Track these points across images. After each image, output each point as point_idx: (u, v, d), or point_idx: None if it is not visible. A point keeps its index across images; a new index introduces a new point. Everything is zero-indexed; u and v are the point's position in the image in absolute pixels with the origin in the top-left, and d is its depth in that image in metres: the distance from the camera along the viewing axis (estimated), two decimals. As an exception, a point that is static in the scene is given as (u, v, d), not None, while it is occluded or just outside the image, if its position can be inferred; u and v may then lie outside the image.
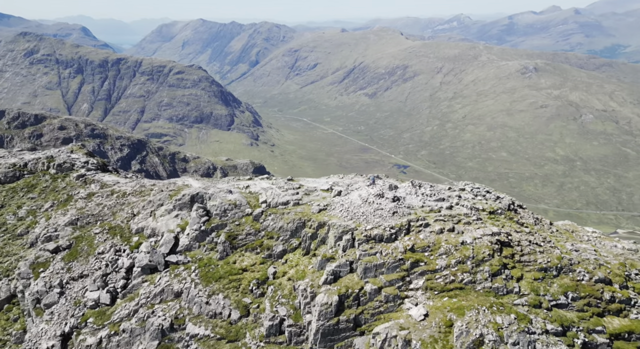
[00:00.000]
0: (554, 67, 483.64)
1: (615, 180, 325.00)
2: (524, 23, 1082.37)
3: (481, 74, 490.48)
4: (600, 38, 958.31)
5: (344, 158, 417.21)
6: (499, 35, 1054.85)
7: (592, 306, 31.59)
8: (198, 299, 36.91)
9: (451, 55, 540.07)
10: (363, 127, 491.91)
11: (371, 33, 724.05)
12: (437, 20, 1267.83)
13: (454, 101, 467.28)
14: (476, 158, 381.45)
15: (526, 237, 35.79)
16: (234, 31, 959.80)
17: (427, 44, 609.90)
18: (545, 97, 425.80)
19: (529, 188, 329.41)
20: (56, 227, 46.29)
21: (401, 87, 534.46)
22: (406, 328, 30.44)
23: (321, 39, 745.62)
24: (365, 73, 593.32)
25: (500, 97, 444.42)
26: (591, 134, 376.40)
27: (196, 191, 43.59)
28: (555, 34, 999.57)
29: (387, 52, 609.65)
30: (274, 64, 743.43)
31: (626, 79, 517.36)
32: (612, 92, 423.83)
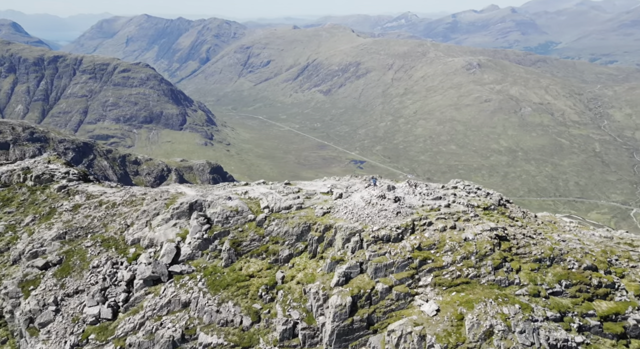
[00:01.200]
0: (495, 63, 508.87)
1: (553, 168, 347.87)
2: (466, 21, 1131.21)
3: (429, 70, 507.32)
4: (534, 35, 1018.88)
5: (302, 155, 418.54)
6: (444, 33, 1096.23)
7: (582, 292, 34.85)
8: (208, 308, 36.82)
9: (401, 52, 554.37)
10: (319, 124, 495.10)
11: (323, 30, 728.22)
12: (386, 18, 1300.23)
13: (405, 97, 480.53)
14: (428, 152, 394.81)
15: (520, 231, 38.70)
16: (181, 27, 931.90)
17: (378, 41, 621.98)
18: (489, 91, 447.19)
19: (477, 178, 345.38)
20: (42, 242, 44.11)
21: (355, 83, 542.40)
22: (420, 324, 32.19)
23: (273, 36, 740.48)
24: (319, 70, 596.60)
25: (448, 93, 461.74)
26: (530, 126, 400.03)
27: (194, 199, 43.11)
28: (495, 31, 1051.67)
29: (339, 49, 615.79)
30: (225, 61, 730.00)
31: (559, 74, 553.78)
32: (547, 86, 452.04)
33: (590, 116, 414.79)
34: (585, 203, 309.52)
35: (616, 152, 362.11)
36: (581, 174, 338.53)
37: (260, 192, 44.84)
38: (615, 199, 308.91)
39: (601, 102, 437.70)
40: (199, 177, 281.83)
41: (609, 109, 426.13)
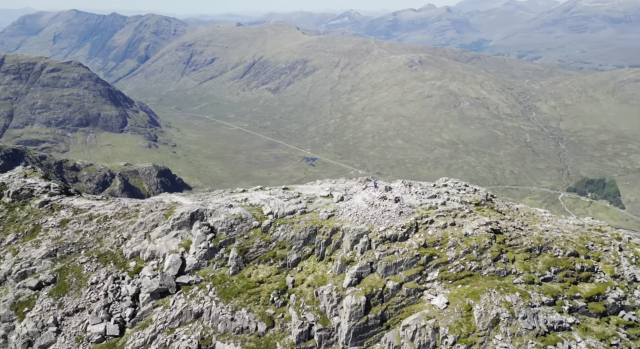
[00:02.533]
0: (435, 60, 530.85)
1: (490, 159, 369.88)
2: (406, 19, 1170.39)
3: (374, 67, 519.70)
4: (468, 33, 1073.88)
5: (253, 155, 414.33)
6: (386, 31, 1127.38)
7: (569, 277, 38.81)
8: (222, 316, 36.95)
9: (346, 50, 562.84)
10: (269, 122, 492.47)
11: (268, 27, 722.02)
12: (330, 16, 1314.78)
13: (353, 94, 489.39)
14: (376, 147, 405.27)
15: (510, 224, 42.19)
16: (116, 24, 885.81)
17: (323, 38, 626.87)
18: (430, 87, 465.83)
19: (423, 171, 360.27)
20: (31, 261, 41.72)
21: (303, 81, 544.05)
22: (433, 317, 34.50)
23: (217, 33, 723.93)
24: (266, 68, 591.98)
25: (393, 89, 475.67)
26: (469, 120, 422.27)
27: (195, 208, 42.70)
28: (433, 29, 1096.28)
29: (285, 46, 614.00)
30: (167, 59, 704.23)
31: (492, 70, 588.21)
32: (482, 81, 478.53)
33: (520, 108, 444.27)
34: (519, 190, 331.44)
35: (544, 141, 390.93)
36: (515, 163, 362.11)
37: (261, 198, 45.22)
38: (545, 185, 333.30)
39: (529, 95, 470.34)
40: (146, 181, 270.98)
41: (536, 102, 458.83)
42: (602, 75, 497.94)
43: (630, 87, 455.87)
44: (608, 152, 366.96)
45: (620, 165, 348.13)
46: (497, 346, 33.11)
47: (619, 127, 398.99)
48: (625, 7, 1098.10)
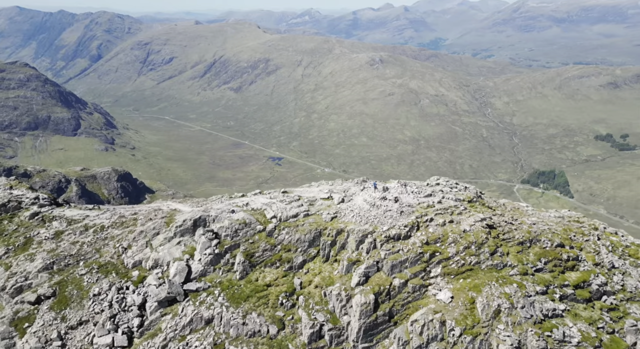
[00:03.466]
0: (395, 59, 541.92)
1: (450, 153, 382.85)
2: (366, 18, 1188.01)
3: (337, 66, 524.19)
4: (426, 32, 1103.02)
5: (216, 155, 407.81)
6: (346, 30, 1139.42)
7: (557, 266, 41.79)
8: (234, 321, 37.24)
9: (308, 49, 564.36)
10: (232, 122, 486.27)
11: (228, 26, 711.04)
12: (290, 14, 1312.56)
13: (316, 93, 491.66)
14: (342, 145, 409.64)
15: (501, 219, 44.79)
16: (64, 21, 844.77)
17: (285, 37, 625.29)
18: (391, 85, 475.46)
19: (387, 167, 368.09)
20: (26, 275, 40.16)
21: (265, 80, 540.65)
22: (439, 311, 36.36)
23: (174, 32, 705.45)
24: (228, 67, 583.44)
25: (356, 88, 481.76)
26: (429, 116, 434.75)
27: (198, 215, 42.57)
28: (392, 28, 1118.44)
29: (247, 45, 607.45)
30: (121, 58, 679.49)
31: (449, 68, 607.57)
32: (440, 79, 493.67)
33: (476, 105, 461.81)
34: (478, 183, 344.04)
35: (499, 136, 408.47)
36: (473, 157, 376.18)
37: (262, 202, 45.61)
38: (501, 177, 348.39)
39: (484, 92, 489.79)
40: (105, 186, 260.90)
41: (491, 98, 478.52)
42: (550, 73, 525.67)
43: (575, 83, 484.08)
44: (557, 145, 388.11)
45: (568, 157, 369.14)
46: (500, 335, 35.41)
47: (566, 121, 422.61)
48: (568, 8, 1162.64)
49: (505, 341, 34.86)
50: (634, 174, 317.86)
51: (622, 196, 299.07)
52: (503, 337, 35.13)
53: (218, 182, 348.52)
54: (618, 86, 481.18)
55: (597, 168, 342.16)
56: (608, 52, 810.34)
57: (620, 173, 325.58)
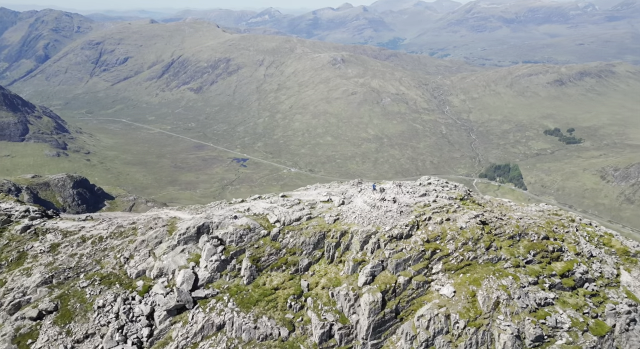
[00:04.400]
0: (356, 58, 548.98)
1: (412, 151, 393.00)
2: (326, 18, 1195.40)
3: (299, 65, 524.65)
4: (384, 32, 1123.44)
5: (178, 158, 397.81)
6: (307, 29, 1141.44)
7: (544, 258, 44.83)
8: (245, 326, 37.61)
9: (270, 48, 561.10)
10: (194, 123, 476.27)
11: (185, 25, 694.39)
12: (250, 13, 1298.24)
13: (280, 93, 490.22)
14: (307, 144, 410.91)
15: (492, 215, 47.39)
16: (6, 20, 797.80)
17: (246, 37, 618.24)
18: (354, 85, 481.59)
19: (353, 166, 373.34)
20: (24, 291, 38.63)
21: (227, 80, 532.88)
22: (443, 306, 38.30)
23: (128, 31, 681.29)
24: (187, 67, 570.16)
25: (319, 87, 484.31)
26: (391, 115, 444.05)
27: (201, 222, 42.43)
28: (352, 28, 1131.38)
29: (206, 45, 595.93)
30: (71, 58, 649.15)
31: (408, 67, 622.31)
32: (400, 78, 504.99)
33: (435, 103, 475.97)
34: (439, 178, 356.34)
35: (457, 132, 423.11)
36: (434, 154, 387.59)
37: (263, 207, 45.99)
38: (461, 172, 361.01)
39: (442, 90, 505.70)
40: (60, 194, 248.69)
41: (448, 96, 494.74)
42: (502, 71, 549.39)
43: (524, 81, 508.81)
44: (510, 140, 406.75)
45: (521, 151, 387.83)
46: (501, 325, 37.83)
47: (518, 116, 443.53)
48: (516, 9, 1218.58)
49: (506, 331, 37.32)
50: (580, 166, 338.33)
51: (570, 186, 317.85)
52: (504, 327, 37.58)
53: (181, 186, 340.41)
54: (564, 83, 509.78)
55: (547, 161, 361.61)
56: (553, 51, 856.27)
57: (568, 165, 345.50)
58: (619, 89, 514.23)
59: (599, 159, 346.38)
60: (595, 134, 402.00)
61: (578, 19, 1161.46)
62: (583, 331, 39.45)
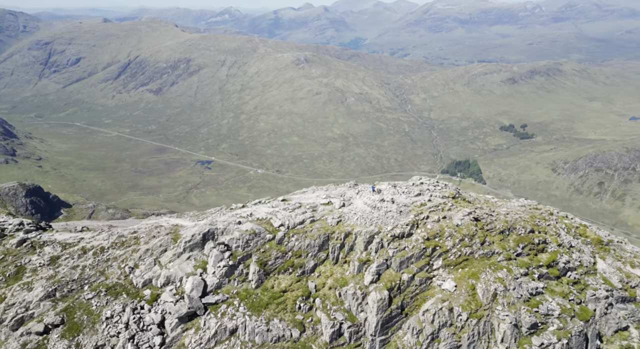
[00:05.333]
0: (319, 58, 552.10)
1: (377, 149, 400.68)
2: (287, 18, 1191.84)
3: (262, 66, 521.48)
4: (346, 32, 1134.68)
5: (139, 162, 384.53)
6: (268, 29, 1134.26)
7: (532, 250, 47.93)
8: (258, 329, 38.17)
9: (231, 48, 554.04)
10: (154, 126, 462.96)
11: (142, 24, 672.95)
12: (209, 13, 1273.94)
13: (243, 93, 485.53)
14: (273, 145, 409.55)
15: (482, 211, 50.02)
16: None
17: (206, 36, 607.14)
18: (318, 85, 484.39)
19: (320, 165, 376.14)
20: (26, 305, 37.31)
21: (188, 81, 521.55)
22: (446, 300, 40.39)
23: (80, 30, 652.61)
24: (145, 68, 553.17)
25: (283, 87, 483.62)
26: (355, 114, 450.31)
27: (206, 229, 42.45)
28: (314, 28, 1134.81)
29: (165, 45, 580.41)
30: (18, 60, 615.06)
31: (370, 67, 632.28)
32: (363, 78, 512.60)
33: (398, 102, 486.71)
34: (403, 175, 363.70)
35: (419, 130, 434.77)
36: (398, 152, 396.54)
37: (265, 212, 46.49)
38: (424, 169, 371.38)
39: (404, 89, 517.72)
40: (11, 203, 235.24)
41: (410, 95, 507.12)
42: (459, 70, 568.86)
43: (480, 80, 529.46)
44: (469, 136, 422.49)
45: (480, 147, 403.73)
46: (500, 315, 40.39)
47: (475, 114, 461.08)
48: (470, 10, 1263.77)
49: (505, 320, 39.90)
50: (533, 160, 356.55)
51: (525, 179, 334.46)
52: (502, 317, 40.14)
53: (142, 191, 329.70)
54: (516, 81, 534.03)
55: (504, 156, 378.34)
56: (505, 51, 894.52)
57: (522, 159, 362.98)
58: (566, 87, 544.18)
59: (550, 153, 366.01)
60: (546, 130, 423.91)
61: (527, 20, 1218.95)
62: (571, 317, 42.70)
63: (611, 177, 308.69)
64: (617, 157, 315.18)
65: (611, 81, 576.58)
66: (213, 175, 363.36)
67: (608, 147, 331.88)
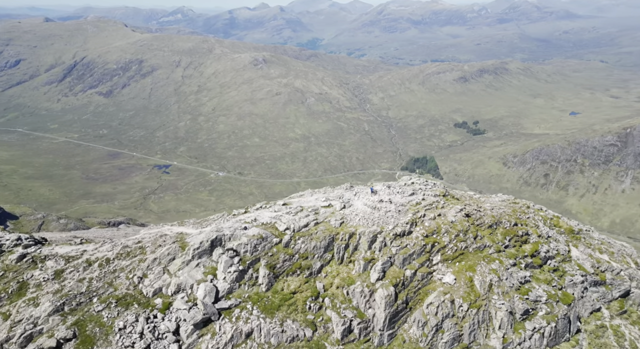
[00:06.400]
0: (278, 59, 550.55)
1: (339, 148, 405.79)
2: (243, 18, 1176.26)
3: (219, 66, 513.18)
4: (303, 32, 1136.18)
5: (90, 169, 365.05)
6: (224, 29, 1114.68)
7: (517, 242, 51.57)
8: (273, 330, 39.03)
9: (186, 49, 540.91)
10: (106, 130, 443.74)
11: (88, 24, 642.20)
12: (160, 12, 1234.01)
13: (201, 94, 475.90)
14: (234, 147, 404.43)
15: (471, 208, 53.11)
16: None
17: (159, 37, 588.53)
18: (277, 85, 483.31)
19: (283, 166, 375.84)
20: (34, 321, 36.03)
21: (141, 83, 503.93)
22: (447, 292, 42.93)
23: (19, 30, 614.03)
24: (93, 69, 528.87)
25: (242, 88, 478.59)
26: (316, 114, 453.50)
27: (214, 235, 42.63)
28: (270, 28, 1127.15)
29: (114, 45, 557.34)
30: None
31: (329, 67, 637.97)
32: (322, 78, 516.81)
33: (357, 101, 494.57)
34: (365, 173, 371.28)
35: (379, 129, 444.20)
36: (359, 150, 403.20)
37: (269, 216, 47.19)
38: (384, 166, 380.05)
39: (362, 89, 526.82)
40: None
41: (368, 94, 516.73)
42: (414, 70, 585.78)
43: (434, 79, 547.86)
44: (426, 133, 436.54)
45: (436, 144, 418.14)
46: (496, 304, 43.49)
47: (431, 112, 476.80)
48: (421, 11, 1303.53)
49: (501, 308, 43.03)
50: (485, 155, 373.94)
51: (479, 173, 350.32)
52: (499, 305, 43.23)
53: (96, 199, 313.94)
54: (467, 80, 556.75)
55: (458, 151, 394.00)
56: (456, 51, 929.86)
57: (475, 155, 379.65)
58: (512, 85, 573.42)
59: (501, 147, 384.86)
60: (496, 125, 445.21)
61: (474, 21, 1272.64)
62: (556, 301, 46.58)
63: (555, 169, 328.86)
64: (560, 150, 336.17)
65: (552, 79, 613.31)
66: (172, 179, 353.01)
67: (552, 141, 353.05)
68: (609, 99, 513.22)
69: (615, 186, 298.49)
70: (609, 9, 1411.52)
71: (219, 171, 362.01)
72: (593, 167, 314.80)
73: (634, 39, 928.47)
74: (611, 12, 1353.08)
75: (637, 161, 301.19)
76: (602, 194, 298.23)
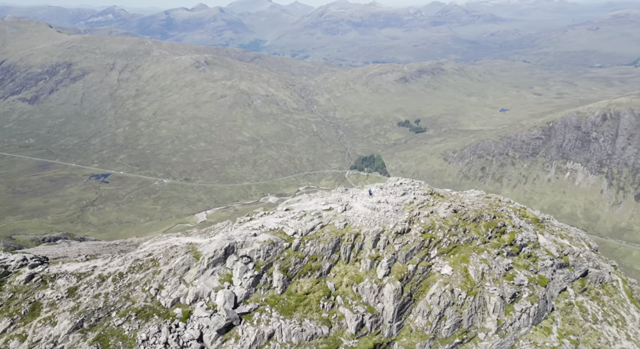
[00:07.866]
0: (221, 61, 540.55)
1: (289, 150, 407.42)
2: (180, 19, 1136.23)
3: (158, 69, 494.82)
4: (245, 34, 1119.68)
5: (16, 182, 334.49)
6: (160, 30, 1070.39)
7: (498, 233, 56.56)
8: (294, 330, 40.49)
9: (121, 51, 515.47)
10: (33, 139, 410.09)
11: (6, 24, 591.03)
12: (89, 12, 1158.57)
13: (139, 99, 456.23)
14: (179, 152, 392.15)
15: (456, 204, 57.38)
16: None
17: (89, 38, 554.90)
18: (222, 87, 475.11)
19: (232, 170, 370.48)
20: (55, 341, 34.65)
21: (71, 87, 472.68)
22: (447, 283, 46.62)
23: None
24: (14, 74, 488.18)
25: (184, 91, 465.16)
26: (264, 116, 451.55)
27: (227, 244, 43.19)
28: (210, 29, 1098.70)
29: (38, 47, 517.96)
30: None
31: (273, 69, 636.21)
32: (268, 80, 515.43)
33: (304, 102, 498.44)
34: (316, 174, 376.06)
35: (327, 130, 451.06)
36: (309, 152, 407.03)
37: (275, 222, 48.38)
38: (334, 166, 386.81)
39: (308, 91, 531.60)
40: None
41: (315, 96, 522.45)
42: (357, 71, 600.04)
43: (377, 79, 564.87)
44: (372, 133, 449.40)
45: (382, 142, 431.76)
46: (489, 290, 47.88)
47: (375, 112, 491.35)
48: (361, 14, 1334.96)
49: (494, 294, 47.47)
50: (428, 151, 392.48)
51: (423, 169, 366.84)
52: (492, 291, 47.66)
53: (25, 214, 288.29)
54: (407, 80, 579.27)
55: (403, 149, 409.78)
56: (395, 52, 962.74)
57: (418, 152, 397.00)
58: (448, 84, 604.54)
59: (441, 144, 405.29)
60: (436, 123, 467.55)
61: (411, 24, 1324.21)
62: (535, 284, 52.02)
63: (491, 163, 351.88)
64: (494, 144, 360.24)
65: (483, 78, 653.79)
66: (111, 189, 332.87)
67: (486, 137, 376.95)
68: (533, 96, 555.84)
69: (542, 175, 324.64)
70: (528, 12, 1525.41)
71: (163, 178, 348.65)
72: (523, 160, 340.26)
73: (550, 41, 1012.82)
74: (530, 16, 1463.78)
75: (559, 152, 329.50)
76: (531, 184, 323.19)
